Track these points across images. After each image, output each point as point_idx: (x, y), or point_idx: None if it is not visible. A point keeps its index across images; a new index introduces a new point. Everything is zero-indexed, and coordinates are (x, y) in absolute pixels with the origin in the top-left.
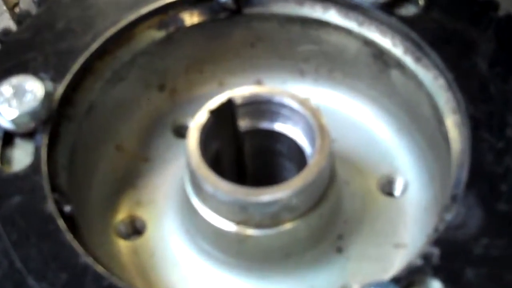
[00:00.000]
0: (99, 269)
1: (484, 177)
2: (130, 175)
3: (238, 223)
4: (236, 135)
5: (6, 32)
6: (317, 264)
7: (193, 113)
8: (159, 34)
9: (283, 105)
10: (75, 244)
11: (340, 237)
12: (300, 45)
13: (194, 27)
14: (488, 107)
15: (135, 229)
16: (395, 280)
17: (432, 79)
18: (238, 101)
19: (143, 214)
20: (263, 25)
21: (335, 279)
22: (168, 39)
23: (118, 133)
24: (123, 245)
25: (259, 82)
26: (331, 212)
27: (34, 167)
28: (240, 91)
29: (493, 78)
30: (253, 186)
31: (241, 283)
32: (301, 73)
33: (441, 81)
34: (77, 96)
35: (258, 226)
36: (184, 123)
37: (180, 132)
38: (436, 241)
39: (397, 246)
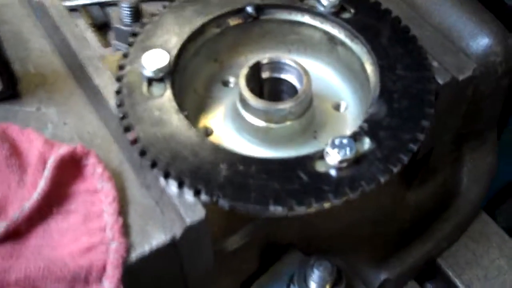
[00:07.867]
0: None
1: (387, 91)
2: (204, 106)
3: (265, 121)
4: (260, 80)
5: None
6: (305, 144)
7: (232, 74)
8: (217, 30)
9: (286, 64)
10: None
11: (315, 132)
12: (288, 36)
13: (234, 26)
14: (386, 57)
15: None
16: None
17: (360, 49)
18: (263, 62)
19: (211, 123)
20: (270, 25)
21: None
22: (221, 33)
23: (195, 83)
24: None
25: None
26: (311, 117)
27: (168, 95)
28: (264, 58)
29: (390, 46)
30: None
31: (269, 152)
32: (289, 51)
33: (364, 49)
34: (179, 62)
35: (276, 122)
36: (227, 79)
37: (225, 83)
38: (365, 120)
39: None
